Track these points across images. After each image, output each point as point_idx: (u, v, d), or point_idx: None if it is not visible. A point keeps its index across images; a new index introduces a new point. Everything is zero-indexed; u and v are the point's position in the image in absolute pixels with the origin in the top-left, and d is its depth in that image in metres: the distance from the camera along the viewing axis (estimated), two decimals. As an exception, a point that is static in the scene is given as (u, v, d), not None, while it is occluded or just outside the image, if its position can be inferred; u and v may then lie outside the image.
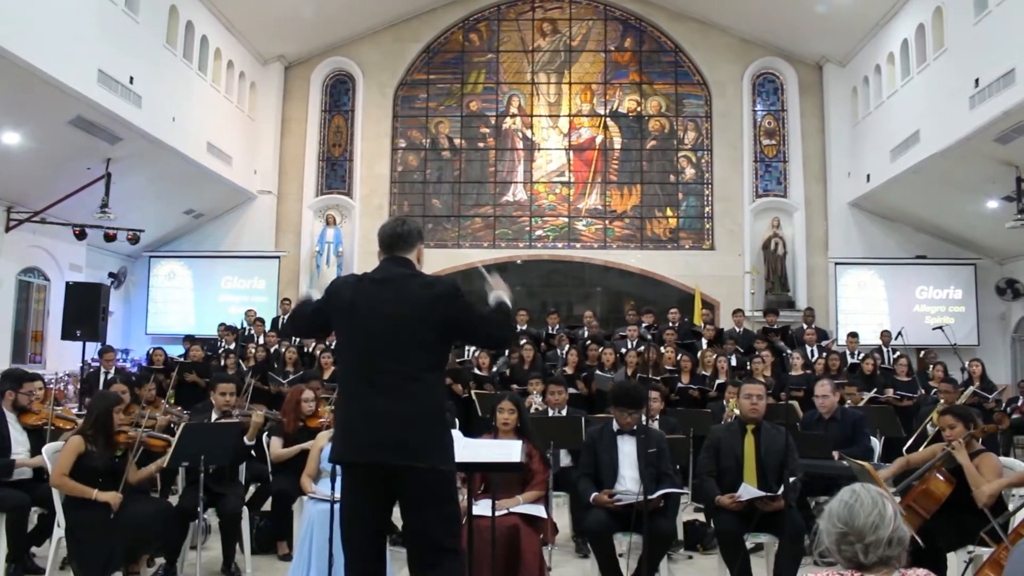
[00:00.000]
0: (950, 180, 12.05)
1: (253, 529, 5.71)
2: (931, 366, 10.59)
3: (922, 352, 11.23)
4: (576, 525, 6.15)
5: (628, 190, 15.60)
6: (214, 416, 5.68)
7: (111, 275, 14.14)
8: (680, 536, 5.95)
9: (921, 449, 5.65)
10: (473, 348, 10.02)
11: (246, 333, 11.92)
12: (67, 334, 11.18)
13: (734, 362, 10.20)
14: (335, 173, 15.77)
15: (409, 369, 3.15)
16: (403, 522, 3.26)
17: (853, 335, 11.86)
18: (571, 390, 8.43)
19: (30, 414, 5.62)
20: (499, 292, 3.41)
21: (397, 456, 3.08)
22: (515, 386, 9.09)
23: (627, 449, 4.85)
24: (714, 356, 9.88)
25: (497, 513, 4.12)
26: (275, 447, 5.93)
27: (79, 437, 4.74)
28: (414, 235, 3.36)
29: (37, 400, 5.74)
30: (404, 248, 3.33)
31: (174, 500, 5.69)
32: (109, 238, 11.89)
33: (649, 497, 4.43)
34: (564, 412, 6.77)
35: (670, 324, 11.32)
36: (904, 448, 6.64)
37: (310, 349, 11.10)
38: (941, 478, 4.43)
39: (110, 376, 9.16)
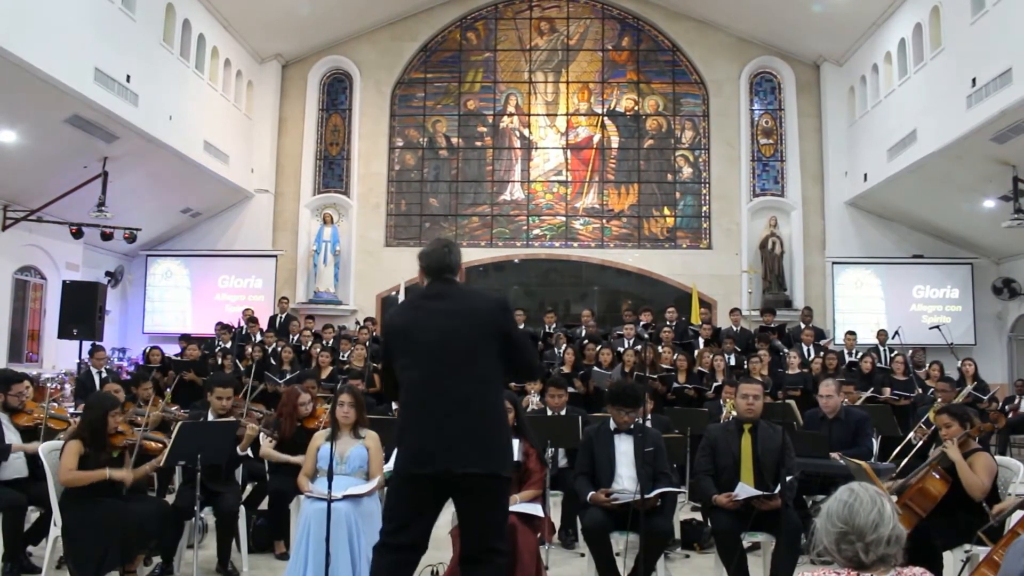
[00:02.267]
0: (947, 179, 12.06)
1: (250, 528, 5.70)
2: (927, 365, 10.60)
3: (910, 351, 11.26)
4: (566, 521, 6.16)
5: (625, 189, 15.60)
6: (210, 418, 5.60)
7: (108, 274, 14.12)
8: (677, 535, 5.95)
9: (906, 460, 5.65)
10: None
11: (243, 332, 11.90)
12: (64, 333, 11.19)
13: (732, 361, 10.20)
14: (332, 172, 15.75)
15: (471, 377, 3.29)
16: (459, 520, 3.42)
17: (851, 334, 11.87)
18: (569, 389, 8.42)
19: (22, 414, 5.59)
20: None
21: (463, 462, 3.20)
22: (512, 385, 9.07)
23: (624, 448, 4.84)
24: (711, 355, 9.88)
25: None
26: (266, 446, 5.91)
27: (77, 440, 4.72)
28: (458, 259, 3.52)
29: (29, 400, 5.71)
30: (451, 272, 3.49)
31: (171, 499, 5.68)
32: (106, 237, 11.86)
33: (646, 496, 4.43)
34: (564, 412, 6.77)
35: (667, 323, 11.31)
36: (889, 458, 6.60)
37: (307, 347, 11.09)
38: (937, 476, 4.43)
39: (104, 376, 9.12)
